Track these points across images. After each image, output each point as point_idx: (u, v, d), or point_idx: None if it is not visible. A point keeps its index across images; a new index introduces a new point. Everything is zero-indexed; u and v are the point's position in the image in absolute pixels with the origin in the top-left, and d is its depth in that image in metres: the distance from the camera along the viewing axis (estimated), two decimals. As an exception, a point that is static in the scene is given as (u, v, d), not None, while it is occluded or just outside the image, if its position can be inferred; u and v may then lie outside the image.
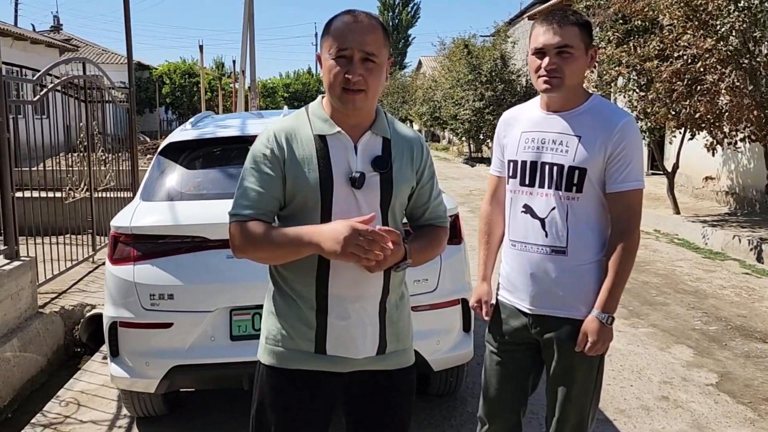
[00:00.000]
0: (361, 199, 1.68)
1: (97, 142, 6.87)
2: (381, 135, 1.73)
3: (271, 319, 1.78)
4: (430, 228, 1.85)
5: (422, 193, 1.82)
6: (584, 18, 1.98)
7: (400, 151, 1.74)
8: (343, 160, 1.68)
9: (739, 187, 9.52)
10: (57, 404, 3.58)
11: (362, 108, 1.67)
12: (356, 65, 1.61)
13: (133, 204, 3.06)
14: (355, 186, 1.67)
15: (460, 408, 3.42)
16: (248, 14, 14.85)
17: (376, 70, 1.64)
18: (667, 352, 4.30)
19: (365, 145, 1.71)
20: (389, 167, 1.70)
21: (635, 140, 1.97)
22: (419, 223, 1.86)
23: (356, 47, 1.61)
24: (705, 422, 3.33)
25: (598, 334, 1.97)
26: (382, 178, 1.70)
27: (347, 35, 1.62)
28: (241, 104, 16.43)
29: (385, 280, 1.72)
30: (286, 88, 41.90)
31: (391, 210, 1.73)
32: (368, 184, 1.68)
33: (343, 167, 1.68)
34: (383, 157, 1.70)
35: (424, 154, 1.81)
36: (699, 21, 7.12)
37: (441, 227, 1.87)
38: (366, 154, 1.70)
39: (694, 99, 7.21)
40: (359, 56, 1.61)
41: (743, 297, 5.58)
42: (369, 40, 1.62)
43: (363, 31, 1.62)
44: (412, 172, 1.76)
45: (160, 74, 33.22)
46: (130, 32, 7.83)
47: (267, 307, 1.81)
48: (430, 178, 1.84)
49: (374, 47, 1.63)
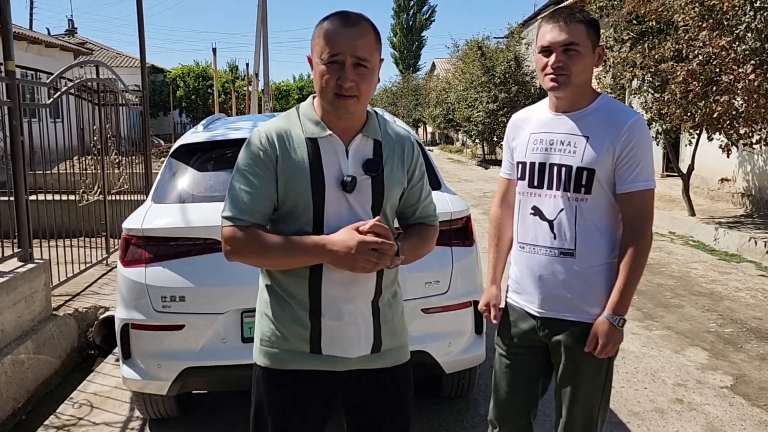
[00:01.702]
0: (353, 202, 1.68)
1: (110, 145, 6.93)
2: (372, 137, 1.73)
3: (264, 321, 1.77)
4: (420, 226, 1.85)
5: (413, 193, 1.82)
6: (591, 16, 1.96)
7: (391, 153, 1.74)
8: (334, 163, 1.67)
9: (755, 189, 9.40)
10: (70, 406, 3.60)
11: (354, 112, 1.67)
12: (348, 71, 1.60)
13: (144, 206, 3.08)
14: (346, 190, 1.67)
15: (472, 410, 3.40)
16: (262, 16, 14.93)
17: (368, 75, 1.63)
18: (682, 354, 4.25)
19: (356, 148, 1.70)
20: (380, 170, 1.70)
21: (644, 139, 1.94)
22: (409, 222, 1.86)
23: (348, 52, 1.59)
24: (720, 425, 3.29)
25: (608, 336, 1.95)
26: (374, 181, 1.70)
27: (338, 40, 1.60)
28: (254, 106, 16.53)
29: (377, 280, 1.73)
30: (299, 91, 42.06)
31: (383, 212, 1.73)
32: (360, 188, 1.68)
33: (335, 171, 1.67)
34: (374, 161, 1.70)
35: (414, 153, 1.80)
36: (714, 21, 7.04)
37: (431, 225, 1.87)
38: (357, 157, 1.70)
39: (710, 99, 7.14)
40: (351, 62, 1.60)
41: (759, 299, 5.50)
42: (361, 44, 1.60)
43: (354, 36, 1.60)
44: (403, 173, 1.76)
45: (174, 77, 33.46)
46: (144, 35, 7.90)
47: (260, 309, 1.80)
48: (421, 177, 1.83)
49: (366, 52, 1.61)
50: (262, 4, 14.79)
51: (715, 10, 7.05)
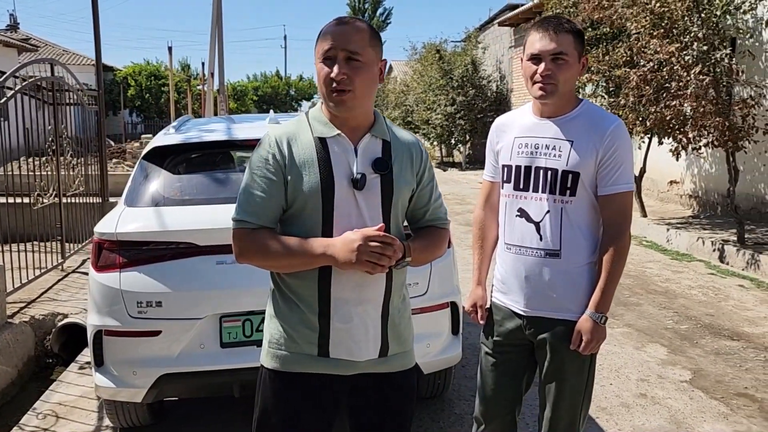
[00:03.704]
0: (362, 200, 1.70)
1: (66, 145, 6.71)
2: (380, 137, 1.75)
3: (273, 323, 1.78)
4: (430, 229, 1.88)
5: (422, 195, 1.84)
6: (577, 26, 2.04)
7: (399, 154, 1.77)
8: (343, 162, 1.70)
9: (702, 191, 9.81)
10: (34, 417, 3.48)
11: (353, 109, 1.69)
12: (339, 64, 1.64)
13: (117, 209, 3.00)
14: (356, 187, 1.69)
15: (447, 410, 3.45)
16: (216, 15, 14.68)
17: (362, 69, 1.66)
18: (643, 351, 4.41)
19: (365, 147, 1.73)
20: (389, 169, 1.73)
21: (625, 144, 2.03)
22: (420, 224, 1.88)
23: (339, 46, 1.64)
24: (682, 417, 3.43)
25: (592, 333, 2.02)
26: (383, 180, 1.72)
27: (331, 37, 1.66)
28: (210, 107, 16.24)
29: (387, 282, 1.74)
30: (255, 91, 41.55)
31: (393, 211, 1.75)
32: (369, 186, 1.70)
33: (344, 169, 1.69)
34: (383, 159, 1.73)
35: (423, 157, 1.84)
36: (664, 29, 7.33)
37: (442, 228, 1.90)
38: (366, 156, 1.72)
39: (662, 105, 7.42)
40: (343, 55, 1.64)
41: (710, 296, 5.75)
42: (353, 39, 1.65)
43: (346, 32, 1.66)
44: (412, 175, 1.79)
45: (125, 76, 32.58)
46: (99, 32, 7.71)
47: (269, 310, 1.81)
48: (430, 180, 1.87)
49: (358, 46, 1.65)
50: (216, 2, 14.56)
51: (664, 19, 7.35)
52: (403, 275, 1.81)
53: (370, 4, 48.04)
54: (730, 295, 5.77)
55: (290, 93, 45.44)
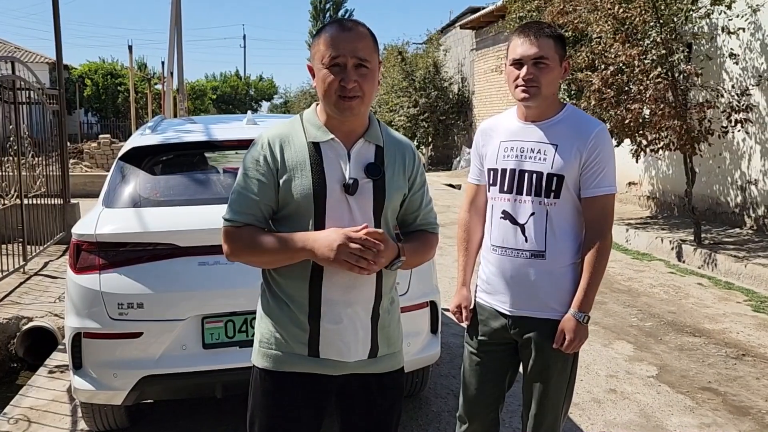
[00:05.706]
0: (354, 205, 1.72)
1: (27, 146, 6.53)
2: (374, 142, 1.78)
3: (264, 323, 1.79)
4: (421, 233, 1.90)
5: (414, 200, 1.87)
6: (558, 31, 2.11)
7: (392, 159, 1.79)
8: (336, 166, 1.72)
9: (660, 192, 10.14)
10: (5, 422, 3.39)
11: (360, 114, 1.72)
12: (350, 72, 1.66)
13: (95, 211, 2.96)
14: (348, 192, 1.71)
15: (425, 408, 3.50)
16: (175, 14, 14.45)
17: (370, 76, 1.69)
18: (610, 348, 4.56)
19: (358, 152, 1.75)
20: (382, 174, 1.75)
21: (608, 147, 2.11)
22: (410, 229, 1.91)
23: (349, 54, 1.65)
24: (651, 411, 3.57)
25: (576, 332, 2.09)
26: (375, 185, 1.74)
27: (339, 44, 1.66)
28: (169, 107, 15.96)
29: (377, 284, 1.77)
30: (214, 91, 40.97)
31: (384, 216, 1.78)
32: (361, 191, 1.73)
33: (337, 174, 1.71)
34: (376, 164, 1.75)
35: (415, 161, 1.87)
36: (626, 34, 7.57)
37: (432, 233, 1.93)
38: (359, 161, 1.74)
39: (622, 108, 7.65)
40: (353, 63, 1.66)
41: (671, 294, 5.97)
42: (360, 46, 1.67)
43: (354, 39, 1.67)
44: (404, 180, 1.81)
45: (81, 74, 31.71)
46: (60, 30, 7.52)
47: (260, 310, 1.83)
48: (422, 185, 1.89)
49: (366, 53, 1.68)
50: (175, 2, 14.33)
51: (626, 24, 7.59)
52: (392, 278, 1.83)
53: (332, 5, 47.94)
54: (690, 293, 5.99)
55: (250, 93, 44.98)
